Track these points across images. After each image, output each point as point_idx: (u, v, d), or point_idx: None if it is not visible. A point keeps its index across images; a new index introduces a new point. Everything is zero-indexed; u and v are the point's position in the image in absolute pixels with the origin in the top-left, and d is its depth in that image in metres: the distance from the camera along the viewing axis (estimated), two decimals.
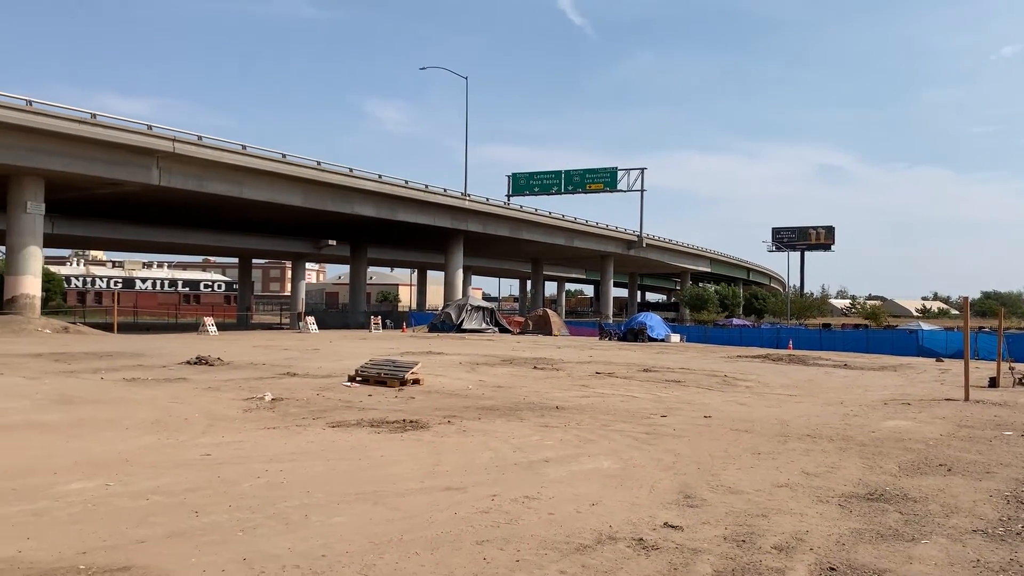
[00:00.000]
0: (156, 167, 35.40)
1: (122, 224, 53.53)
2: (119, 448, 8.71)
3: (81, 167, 33.17)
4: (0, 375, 16.06)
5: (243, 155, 38.40)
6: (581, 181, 67.86)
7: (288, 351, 25.40)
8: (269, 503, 6.46)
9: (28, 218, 33.75)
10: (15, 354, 21.49)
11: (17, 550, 5.13)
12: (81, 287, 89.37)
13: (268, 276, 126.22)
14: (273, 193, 40.97)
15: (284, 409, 12.01)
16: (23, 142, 31.13)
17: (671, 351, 31.82)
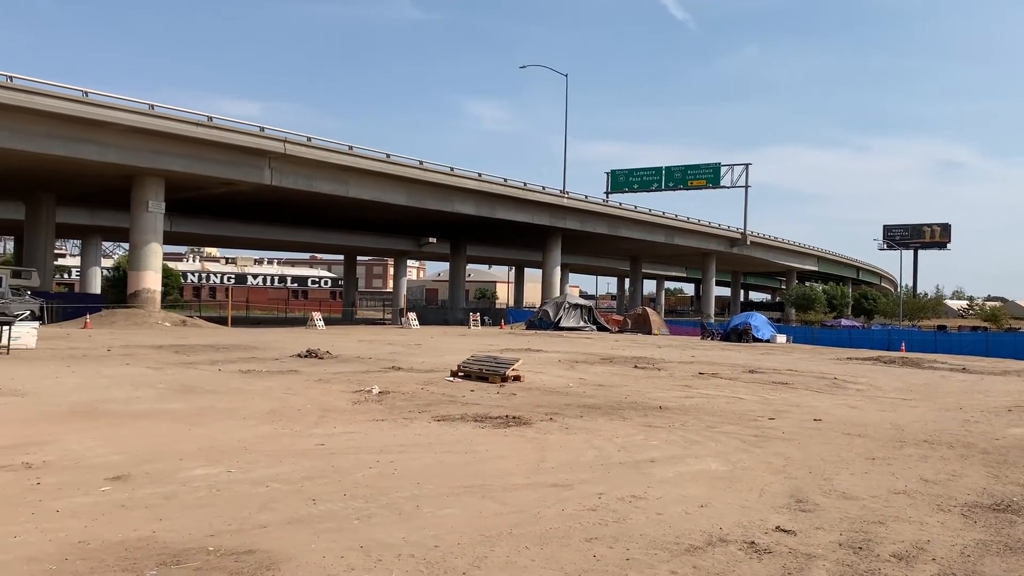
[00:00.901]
0: (268, 167, 36.78)
1: (235, 222, 55.90)
2: (238, 436, 9.11)
3: (198, 168, 34.77)
4: (127, 365, 17.02)
5: (350, 155, 39.46)
6: (682, 177, 66.85)
7: (392, 346, 25.98)
8: (381, 493, 6.64)
9: (150, 216, 35.61)
10: (139, 345, 22.73)
11: (152, 531, 5.44)
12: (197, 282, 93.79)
13: (371, 273, 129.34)
14: (377, 192, 41.95)
15: (391, 402, 12.30)
16: (146, 144, 32.86)
17: (777, 352, 31.00)
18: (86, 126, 30.79)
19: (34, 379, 13.86)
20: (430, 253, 75.37)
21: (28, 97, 28.85)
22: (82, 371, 15.52)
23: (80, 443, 8.44)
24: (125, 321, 33.27)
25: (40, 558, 4.82)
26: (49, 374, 14.76)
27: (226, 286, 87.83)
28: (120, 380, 14.20)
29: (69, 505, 6.01)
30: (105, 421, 9.92)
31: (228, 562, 4.85)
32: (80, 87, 30.57)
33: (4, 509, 5.84)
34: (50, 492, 6.37)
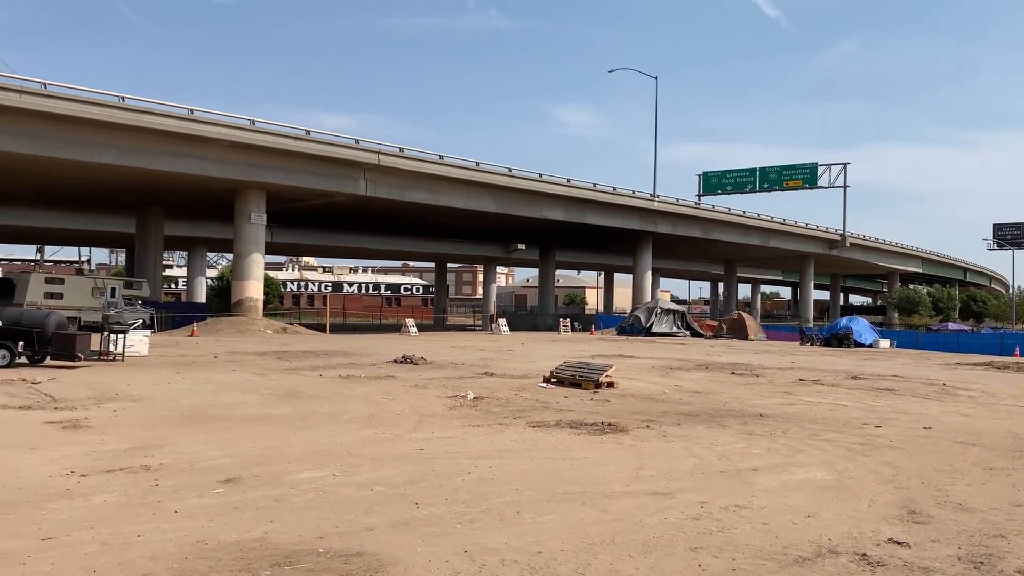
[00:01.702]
0: (363, 178, 37.66)
1: (331, 232, 57.44)
2: (341, 440, 9.35)
3: (297, 180, 35.88)
4: (233, 371, 17.69)
5: (440, 165, 40.05)
6: (777, 178, 65.18)
7: (483, 352, 26.20)
8: (482, 498, 6.70)
9: (252, 228, 36.93)
10: (243, 352, 23.59)
11: (264, 532, 5.64)
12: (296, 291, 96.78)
13: (461, 279, 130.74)
14: (467, 200, 42.42)
15: (486, 408, 12.40)
16: (248, 159, 34.11)
17: (880, 357, 29.87)
18: (192, 142, 32.18)
19: (148, 385, 14.55)
20: (519, 259, 75.67)
21: (138, 116, 30.34)
22: (192, 377, 16.21)
23: (193, 446, 8.81)
24: (229, 329, 34.58)
25: (162, 556, 5.05)
26: (161, 380, 15.47)
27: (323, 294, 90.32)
28: (227, 386, 14.77)
29: (186, 506, 6.28)
30: (215, 425, 10.33)
31: (337, 564, 4.98)
32: (185, 105, 32.02)
33: (127, 510, 6.15)
34: (168, 493, 6.67)
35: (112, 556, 5.02)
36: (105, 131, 29.93)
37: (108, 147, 30.39)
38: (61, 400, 12.20)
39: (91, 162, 30.51)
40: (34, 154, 29.02)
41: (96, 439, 9.11)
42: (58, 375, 15.75)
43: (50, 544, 5.24)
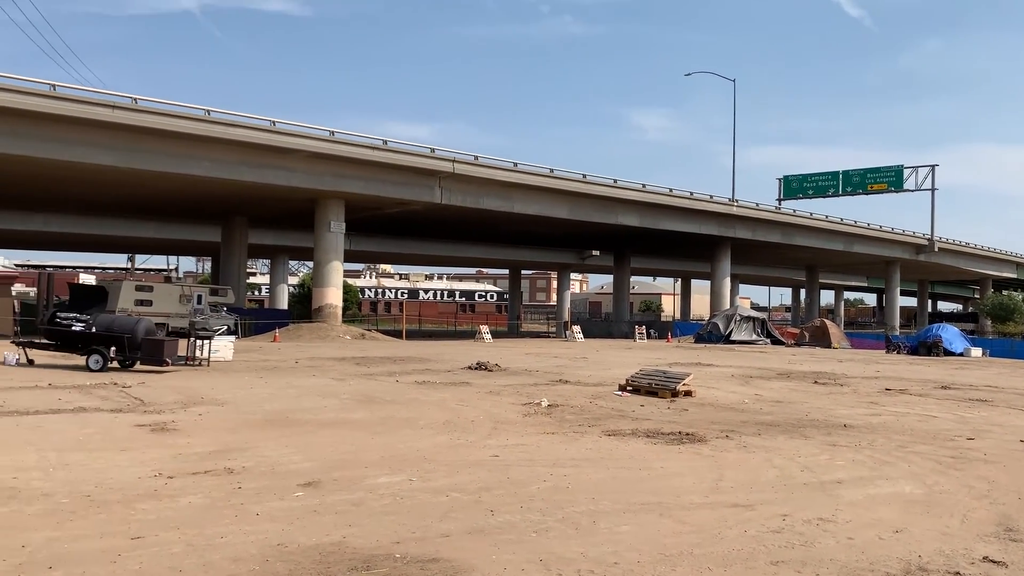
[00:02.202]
0: (438, 187, 38.09)
1: (407, 240, 58.24)
2: (417, 446, 9.43)
3: (375, 189, 36.52)
4: (313, 376, 18.07)
5: (514, 172, 40.20)
6: (861, 182, 63.24)
7: (558, 359, 26.13)
8: (557, 507, 6.66)
9: (331, 236, 37.75)
10: (323, 357, 24.08)
11: (342, 536, 5.71)
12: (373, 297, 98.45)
13: (535, 286, 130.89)
14: (541, 207, 42.45)
15: (560, 415, 12.34)
16: (327, 169, 34.90)
17: (972, 367, 28.65)
18: (274, 154, 33.08)
19: (232, 389, 14.97)
20: (593, 266, 75.31)
21: (224, 129, 31.35)
22: (273, 382, 16.62)
23: (274, 450, 9.01)
24: (310, 335, 35.36)
25: (244, 558, 5.16)
26: (244, 385, 15.90)
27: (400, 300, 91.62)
28: (308, 390, 15.08)
29: (267, 509, 6.41)
30: (296, 429, 10.55)
31: (414, 570, 5.00)
32: (268, 117, 32.93)
33: (211, 511, 6.31)
34: (250, 496, 6.82)
35: (196, 557, 5.16)
36: (193, 144, 31.02)
37: (196, 159, 31.49)
38: (150, 403, 12.64)
39: (180, 174, 31.65)
40: (126, 167, 30.26)
41: (182, 442, 9.40)
42: (147, 379, 16.33)
43: (139, 543, 5.41)
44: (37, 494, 6.71)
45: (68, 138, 28.44)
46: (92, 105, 28.47)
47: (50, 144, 28.21)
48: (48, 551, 5.19)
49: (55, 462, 8.04)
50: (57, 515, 6.08)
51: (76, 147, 28.75)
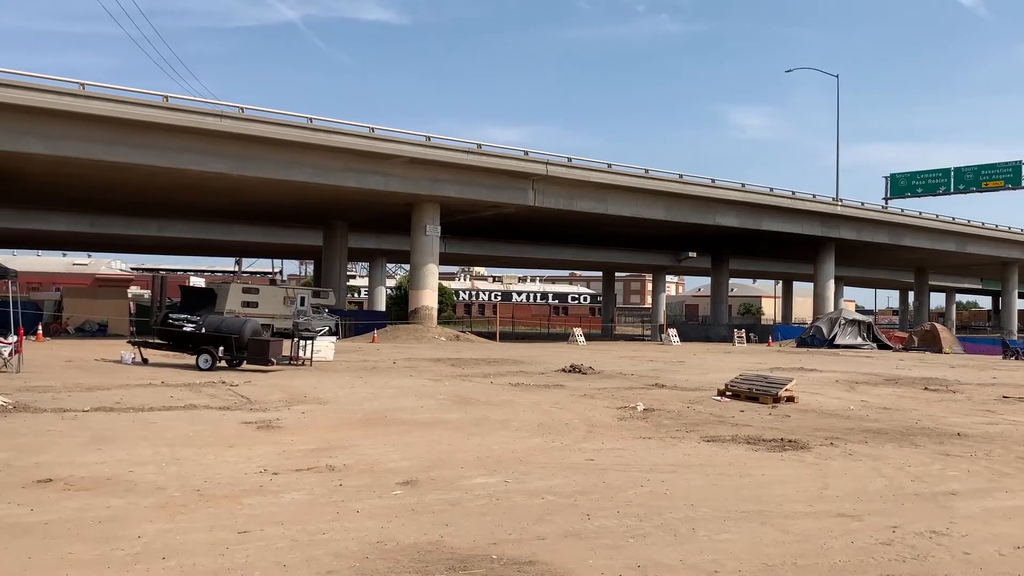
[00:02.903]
0: (531, 189, 38.23)
1: (500, 242, 58.66)
2: (512, 447, 9.44)
3: (469, 192, 36.95)
4: (410, 376, 18.37)
5: (608, 173, 39.96)
6: (975, 179, 60.15)
7: (653, 362, 25.80)
8: (655, 512, 6.54)
9: (427, 239, 38.38)
10: (419, 358, 24.47)
11: (440, 535, 5.76)
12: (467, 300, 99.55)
13: (629, 288, 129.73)
14: (636, 208, 42.05)
15: (656, 420, 12.17)
16: (424, 173, 35.51)
17: None
18: (374, 159, 33.87)
19: (333, 388, 15.36)
20: (690, 268, 74.08)
21: (326, 136, 32.29)
22: (372, 382, 16.97)
23: (374, 448, 9.18)
24: (407, 336, 36.02)
25: (345, 555, 5.26)
26: (345, 384, 16.29)
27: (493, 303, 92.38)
28: (405, 390, 15.34)
29: (367, 506, 6.53)
30: (394, 429, 10.73)
31: (511, 571, 5.00)
32: (367, 124, 33.70)
33: (314, 508, 6.47)
34: (351, 493, 6.97)
35: (300, 552, 5.29)
36: (296, 151, 32.06)
37: (299, 165, 32.53)
38: (256, 402, 13.09)
39: (284, 180, 32.76)
40: (234, 174, 31.52)
41: (286, 439, 9.69)
42: (253, 378, 16.93)
43: (245, 538, 5.59)
44: (151, 487, 7.02)
45: (180, 147, 29.82)
46: (201, 115, 29.77)
47: (163, 153, 29.63)
48: (161, 542, 5.42)
49: (167, 457, 8.41)
50: (169, 508, 6.34)
51: (187, 155, 30.10)
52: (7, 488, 6.79)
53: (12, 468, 7.56)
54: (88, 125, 27.94)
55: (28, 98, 26.45)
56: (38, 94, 26.75)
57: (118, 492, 6.80)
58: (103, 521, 5.89)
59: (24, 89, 26.54)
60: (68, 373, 16.87)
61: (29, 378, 15.24)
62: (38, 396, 12.68)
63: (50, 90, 27.03)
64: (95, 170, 31.03)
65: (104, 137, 28.39)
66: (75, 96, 27.35)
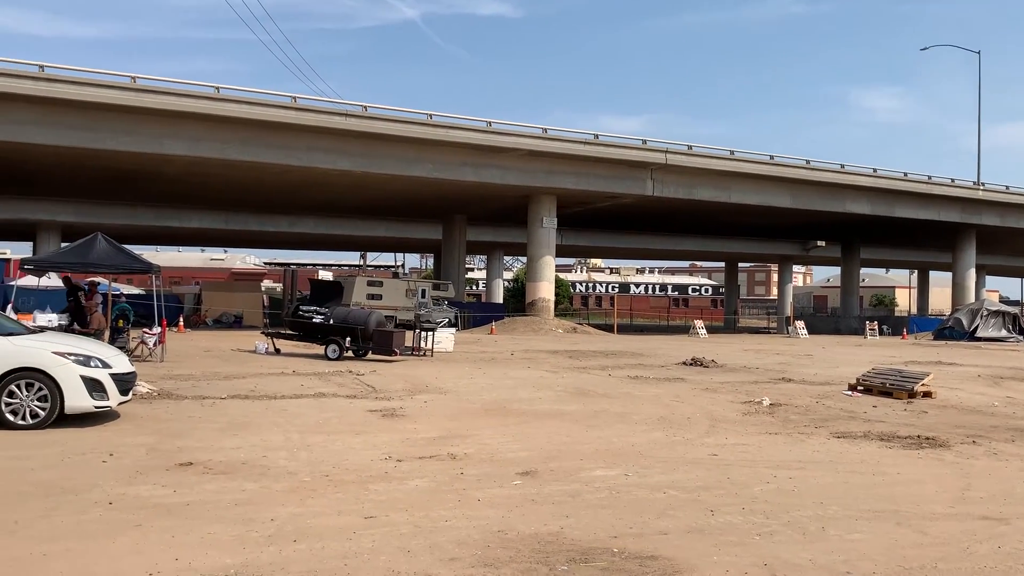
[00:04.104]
0: (650, 179, 37.66)
1: (618, 233, 58.06)
2: (632, 441, 9.34)
3: (586, 184, 36.74)
4: (528, 368, 18.47)
5: (730, 160, 38.89)
6: None
7: (779, 356, 24.99)
8: (782, 510, 6.33)
9: (543, 232, 38.43)
10: (537, 350, 24.57)
11: (560, 527, 5.75)
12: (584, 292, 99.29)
13: (753, 279, 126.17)
14: (760, 196, 40.77)
15: (783, 415, 11.77)
16: (540, 166, 35.55)
17: None
18: (491, 153, 34.17)
19: (453, 379, 15.62)
20: (818, 257, 71.22)
21: (445, 132, 32.82)
22: (491, 373, 17.16)
23: (493, 438, 9.28)
24: (524, 328, 36.24)
25: (467, 542, 5.33)
26: (464, 375, 16.55)
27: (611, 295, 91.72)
28: (523, 382, 15.43)
29: (487, 495, 6.60)
30: (513, 419, 10.81)
31: (632, 565, 4.94)
32: (484, 118, 34.06)
33: (436, 495, 6.59)
34: (472, 482, 7.06)
35: (423, 538, 5.40)
36: (417, 147, 32.74)
37: (420, 161, 33.21)
38: (380, 391, 13.47)
39: (405, 175, 33.51)
40: (359, 171, 32.48)
41: (410, 427, 9.92)
42: (378, 368, 17.42)
43: (371, 523, 5.75)
44: (283, 472, 7.33)
45: (308, 146, 30.96)
46: (328, 114, 30.80)
47: (292, 152, 30.84)
48: (293, 525, 5.65)
49: (298, 443, 8.75)
50: (300, 492, 6.60)
51: (315, 154, 31.23)
52: (153, 471, 7.24)
53: (157, 452, 8.06)
54: (223, 127, 29.39)
55: (167, 102, 28.04)
56: (176, 98, 28.32)
57: (253, 476, 7.13)
58: (239, 503, 6.18)
59: (163, 94, 28.14)
60: (207, 362, 17.84)
61: (172, 367, 16.21)
62: (180, 384, 13.46)
63: (187, 94, 28.55)
64: (230, 169, 32.64)
65: (238, 138, 29.80)
66: (210, 99, 28.80)
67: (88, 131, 27.39)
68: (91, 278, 22.15)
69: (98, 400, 9.30)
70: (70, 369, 9.15)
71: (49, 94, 25.94)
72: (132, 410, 10.38)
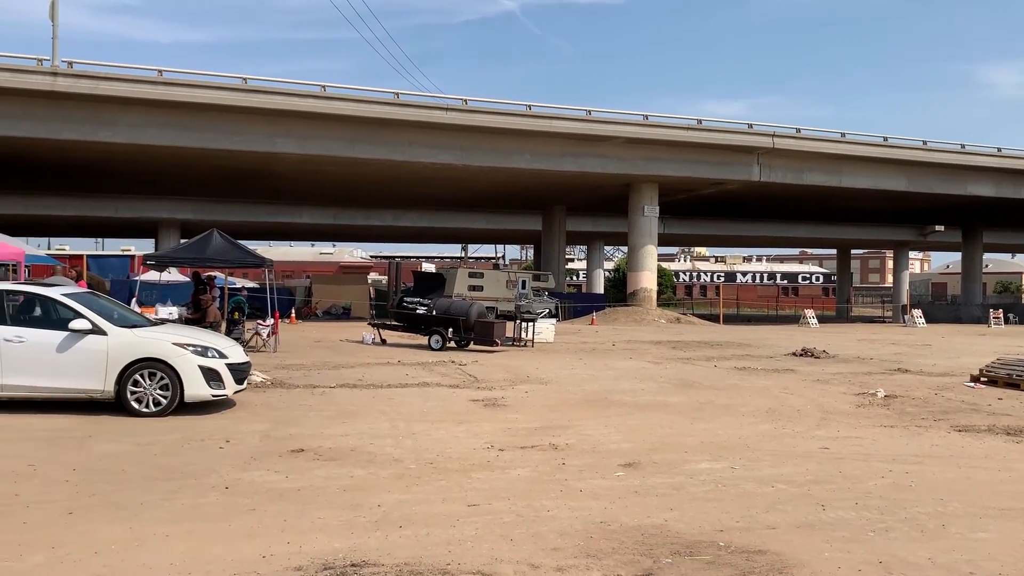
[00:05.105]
0: (756, 163, 36.65)
1: (722, 221, 56.77)
2: (739, 433, 9.12)
3: (688, 170, 36.04)
4: (629, 359, 18.29)
5: (842, 143, 37.44)
6: None
7: (895, 346, 23.94)
8: (898, 506, 6.05)
9: (645, 220, 37.94)
10: (639, 340, 24.30)
11: (664, 519, 5.66)
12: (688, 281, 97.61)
13: (866, 266, 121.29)
14: (874, 179, 39.11)
15: (899, 407, 11.26)
16: (641, 153, 35.09)
17: None
18: (590, 142, 33.95)
19: (553, 369, 15.62)
20: (936, 242, 67.83)
21: (544, 122, 32.80)
22: (592, 363, 17.08)
23: (595, 429, 9.22)
24: (625, 318, 35.92)
25: (569, 533, 5.32)
26: (565, 365, 16.52)
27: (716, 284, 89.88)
28: (624, 373, 15.29)
29: (589, 486, 6.56)
30: (614, 410, 10.72)
31: (739, 559, 4.81)
32: (583, 107, 33.84)
33: (538, 485, 6.60)
34: (573, 473, 7.04)
35: (525, 527, 5.41)
36: (516, 138, 32.84)
37: (519, 152, 33.31)
38: (482, 381, 13.59)
39: (505, 167, 33.69)
40: (460, 164, 32.86)
41: (511, 417, 9.98)
42: (479, 358, 17.60)
43: (474, 511, 5.80)
44: (389, 459, 7.48)
45: (410, 141, 31.52)
46: (429, 109, 31.24)
47: (396, 147, 31.46)
48: (399, 512, 5.76)
49: (404, 431, 8.93)
50: (405, 479, 6.73)
51: (417, 148, 31.76)
52: (266, 457, 7.52)
53: (270, 439, 8.36)
54: (329, 124, 30.23)
55: (277, 102, 29.03)
56: (285, 98, 29.29)
57: (360, 463, 7.31)
58: (347, 489, 6.35)
59: (272, 94, 29.15)
60: (317, 352, 18.42)
61: (284, 357, 16.81)
62: (291, 373, 13.94)
63: (295, 93, 29.50)
64: (337, 166, 33.57)
65: (344, 135, 30.59)
66: (317, 98, 29.65)
67: (203, 132, 28.68)
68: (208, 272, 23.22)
69: (215, 389, 9.73)
70: (189, 359, 9.60)
71: (167, 97, 27.27)
72: (247, 398, 10.81)
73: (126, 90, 26.80)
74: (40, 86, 25.73)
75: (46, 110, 26.58)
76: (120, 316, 10.30)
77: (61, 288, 10.57)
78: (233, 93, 28.18)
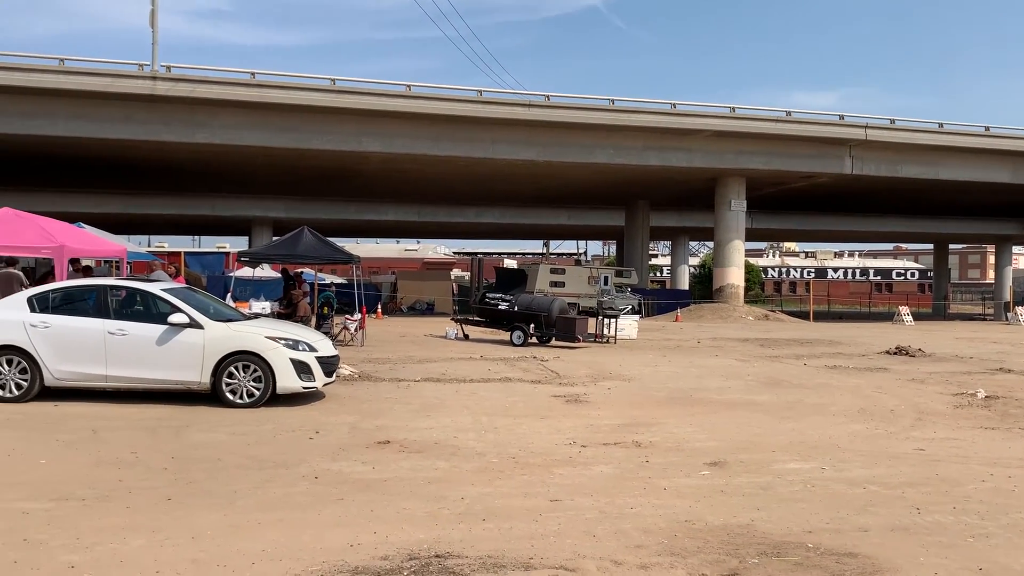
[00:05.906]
0: (848, 156, 35.52)
1: (812, 215, 55.17)
2: (829, 433, 8.87)
3: (777, 163, 35.17)
4: (715, 356, 17.98)
5: (940, 133, 35.93)
6: None
7: (997, 344, 22.86)
8: (1000, 511, 5.79)
9: (732, 215, 37.21)
10: (725, 337, 23.87)
11: (750, 519, 5.56)
12: (776, 277, 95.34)
13: (966, 262, 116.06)
14: (974, 171, 37.41)
15: (1002, 408, 10.76)
16: (727, 146, 34.42)
17: None
18: (675, 136, 33.49)
19: (636, 366, 15.49)
20: None
21: (627, 116, 32.51)
22: (676, 360, 16.86)
23: (679, 427, 9.11)
24: (711, 315, 35.32)
25: (653, 531, 5.27)
26: (648, 362, 16.36)
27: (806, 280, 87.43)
28: (710, 370, 15.05)
29: (674, 484, 6.49)
30: (699, 408, 10.57)
31: (829, 562, 4.69)
32: (668, 100, 33.37)
33: (621, 482, 6.56)
34: (657, 471, 6.97)
35: (608, 524, 5.39)
36: (598, 133, 32.67)
37: (601, 147, 33.13)
38: (564, 376, 13.59)
39: (587, 163, 33.57)
40: (542, 160, 32.88)
41: (594, 413, 9.95)
42: (561, 354, 17.58)
43: (556, 506, 5.82)
44: (472, 453, 7.56)
45: (493, 138, 31.71)
46: (511, 106, 31.36)
47: (479, 145, 31.69)
48: (482, 505, 5.81)
49: (486, 425, 9.01)
50: (488, 473, 6.79)
51: (500, 145, 31.93)
52: (354, 448, 7.69)
53: (358, 430, 8.56)
54: (414, 123, 30.67)
55: (364, 102, 29.62)
56: (371, 98, 29.85)
57: (444, 455, 7.41)
58: (431, 481, 6.45)
59: (359, 94, 29.74)
60: (402, 347, 18.74)
61: (370, 351, 17.15)
62: (378, 367, 14.22)
63: (381, 93, 30.03)
64: (421, 164, 34.05)
65: (428, 133, 31.00)
66: (402, 97, 30.12)
67: (294, 132, 29.50)
68: (298, 269, 23.86)
69: (305, 381, 10.01)
70: (281, 352, 9.90)
71: (260, 99, 28.15)
72: (335, 391, 11.08)
73: (221, 92, 27.78)
74: (141, 90, 26.91)
75: (146, 113, 27.79)
76: (216, 311, 10.69)
77: (161, 284, 11.04)
78: (322, 94, 28.88)
